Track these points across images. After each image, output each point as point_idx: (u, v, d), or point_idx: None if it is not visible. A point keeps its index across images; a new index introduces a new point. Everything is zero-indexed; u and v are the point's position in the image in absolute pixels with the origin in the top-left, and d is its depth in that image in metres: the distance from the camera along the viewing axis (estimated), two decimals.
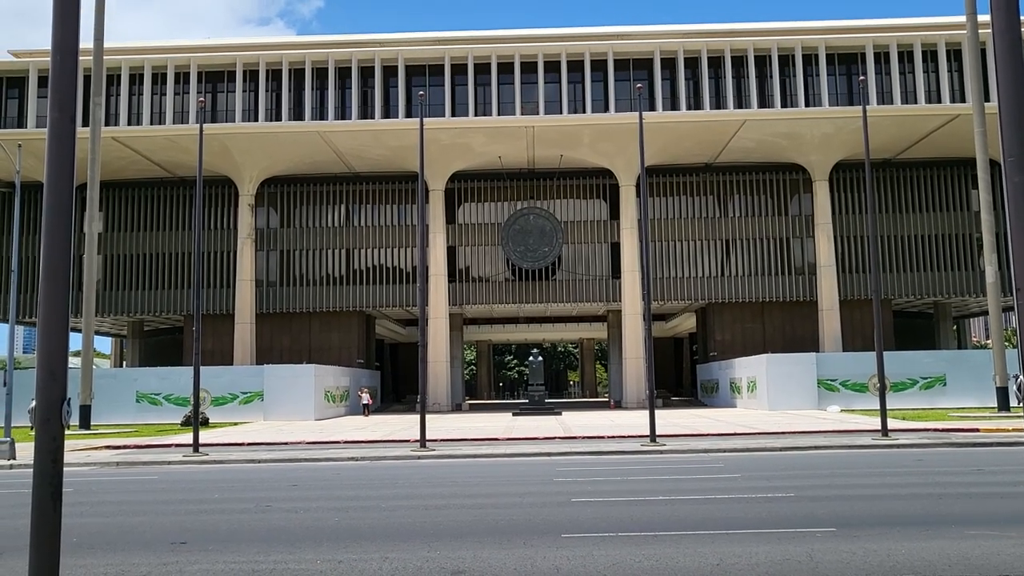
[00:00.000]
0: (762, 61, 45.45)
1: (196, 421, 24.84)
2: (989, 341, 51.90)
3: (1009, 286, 48.28)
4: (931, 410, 37.86)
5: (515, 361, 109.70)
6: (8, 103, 45.97)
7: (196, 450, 23.99)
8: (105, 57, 38.70)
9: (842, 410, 39.04)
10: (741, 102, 45.19)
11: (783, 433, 26.73)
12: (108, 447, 26.76)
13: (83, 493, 16.09)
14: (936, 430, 26.99)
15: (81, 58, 6.36)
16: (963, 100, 43.45)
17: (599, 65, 45.41)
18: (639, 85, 30.43)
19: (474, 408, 54.30)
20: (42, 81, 44.58)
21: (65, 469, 5.87)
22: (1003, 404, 34.27)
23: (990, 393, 36.12)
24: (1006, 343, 36.32)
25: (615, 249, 50.98)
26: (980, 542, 9.73)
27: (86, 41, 35.33)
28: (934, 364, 41.98)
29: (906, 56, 45.15)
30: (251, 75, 45.85)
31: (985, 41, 39.18)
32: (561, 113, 44.78)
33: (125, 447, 26.87)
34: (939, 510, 12.24)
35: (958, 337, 67.44)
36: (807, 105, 44.80)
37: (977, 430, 26.49)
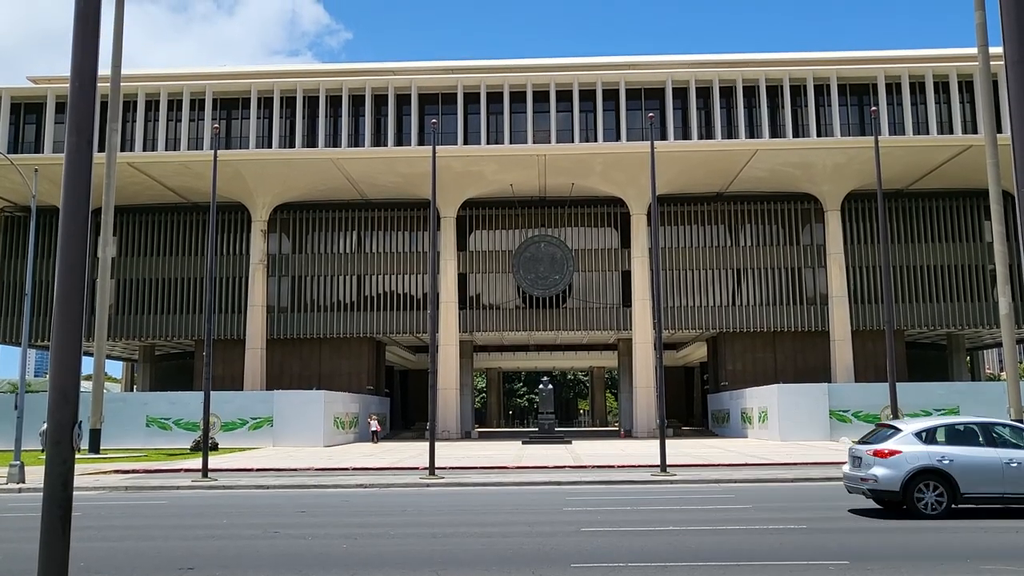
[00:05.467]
0: (774, 91, 45.60)
1: (205, 446, 24.83)
2: (1003, 373, 51.42)
3: (1023, 317, 48.06)
4: None
5: (525, 389, 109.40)
6: (26, 128, 46.50)
7: (205, 475, 23.94)
8: (122, 84, 39.18)
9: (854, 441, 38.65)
10: (753, 132, 45.28)
11: (795, 464, 26.50)
12: (117, 471, 26.76)
13: (92, 517, 16.08)
14: None
15: (98, 84, 6.44)
16: (975, 131, 43.43)
17: (611, 94, 45.66)
18: (651, 114, 30.54)
19: (484, 436, 54.07)
20: (59, 107, 45.17)
21: (74, 493, 5.87)
22: None
23: None
24: (1021, 375, 35.90)
25: (626, 277, 50.95)
26: None
27: (104, 68, 35.78)
28: (947, 396, 41.58)
29: (918, 87, 45.23)
30: (265, 102, 46.27)
31: (997, 72, 39.23)
32: (573, 142, 44.96)
33: (134, 471, 26.86)
34: (953, 544, 12.09)
35: (971, 369, 66.87)
36: (819, 135, 44.84)
37: None
